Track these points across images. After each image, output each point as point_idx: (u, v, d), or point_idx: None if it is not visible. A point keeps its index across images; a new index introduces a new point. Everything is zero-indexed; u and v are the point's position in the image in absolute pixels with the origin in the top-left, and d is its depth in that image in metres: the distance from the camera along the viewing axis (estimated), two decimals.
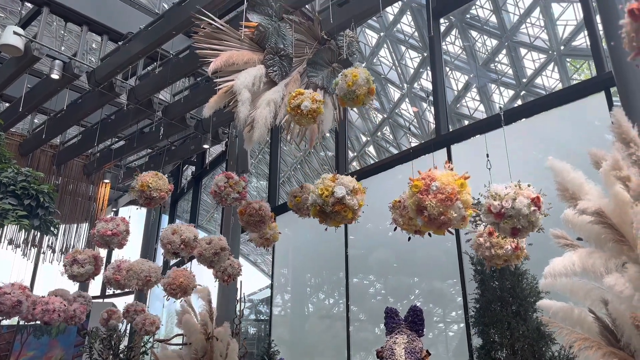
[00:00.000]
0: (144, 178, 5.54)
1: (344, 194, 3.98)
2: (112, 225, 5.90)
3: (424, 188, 3.36)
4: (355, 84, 4.24)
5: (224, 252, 6.18)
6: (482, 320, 4.24)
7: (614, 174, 3.34)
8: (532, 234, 4.56)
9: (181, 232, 5.63)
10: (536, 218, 3.22)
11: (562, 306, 3.59)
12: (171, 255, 5.68)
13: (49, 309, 6.75)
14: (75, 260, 6.21)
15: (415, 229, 3.98)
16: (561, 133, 6.68)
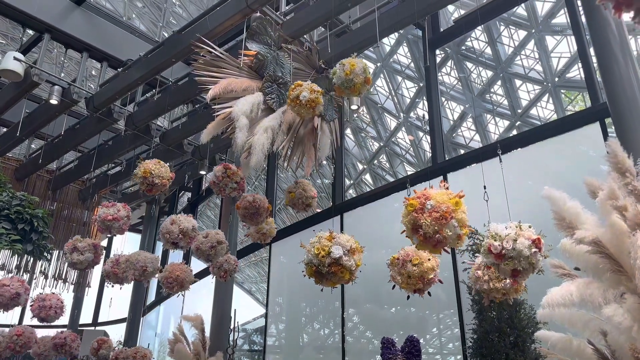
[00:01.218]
0: (146, 165, 5.64)
1: (340, 255, 3.87)
2: (113, 210, 5.99)
3: (419, 207, 3.35)
4: (352, 73, 4.27)
5: (221, 245, 6.19)
6: (480, 351, 4.18)
7: (611, 203, 3.34)
8: None
9: (179, 222, 5.71)
10: (537, 260, 3.19)
11: (560, 337, 3.54)
12: (170, 245, 5.73)
13: (45, 305, 6.83)
14: (75, 248, 6.26)
15: (414, 287, 3.86)
16: (556, 163, 6.72)
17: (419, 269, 3.77)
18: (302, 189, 6.07)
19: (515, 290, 3.80)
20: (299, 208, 6.11)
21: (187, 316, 7.19)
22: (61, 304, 6.94)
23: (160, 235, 5.80)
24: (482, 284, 3.83)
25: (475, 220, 5.26)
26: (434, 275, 3.83)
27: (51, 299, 6.88)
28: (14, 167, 10.78)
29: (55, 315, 6.90)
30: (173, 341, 6.99)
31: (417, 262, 3.80)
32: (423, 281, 3.78)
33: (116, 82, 7.91)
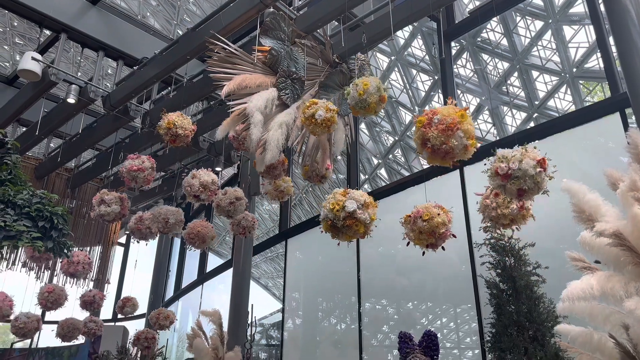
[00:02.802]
0: (170, 117, 5.85)
1: (354, 208, 4.00)
2: (138, 162, 6.22)
3: (427, 122, 3.47)
4: (366, 93, 4.27)
5: (240, 201, 6.47)
6: (498, 345, 4.14)
7: (632, 195, 3.28)
8: (547, 255, 4.50)
9: (200, 176, 6.01)
10: (542, 179, 3.32)
11: (581, 331, 3.49)
12: (193, 199, 6.03)
13: (73, 260, 7.41)
14: (102, 200, 6.53)
15: (426, 242, 3.99)
16: (575, 155, 6.61)
17: (429, 224, 3.89)
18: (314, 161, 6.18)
19: (522, 217, 3.88)
20: (314, 180, 6.27)
21: (205, 311, 7.25)
22: (89, 260, 7.37)
23: (183, 189, 6.07)
24: (489, 212, 3.92)
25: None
26: (445, 229, 3.94)
27: (79, 256, 7.44)
28: (34, 166, 10.96)
29: (83, 271, 7.35)
30: (192, 336, 7.05)
31: (427, 218, 3.91)
32: (434, 236, 3.91)
33: (132, 80, 7.97)
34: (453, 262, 7.45)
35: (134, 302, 9.33)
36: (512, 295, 4.33)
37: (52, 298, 7.84)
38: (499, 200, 3.89)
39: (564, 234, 3.57)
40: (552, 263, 4.63)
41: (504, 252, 4.60)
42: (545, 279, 4.50)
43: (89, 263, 7.62)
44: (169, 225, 6.46)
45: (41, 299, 7.85)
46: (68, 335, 8.74)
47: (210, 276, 13.01)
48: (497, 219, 3.88)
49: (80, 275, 7.52)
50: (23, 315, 8.08)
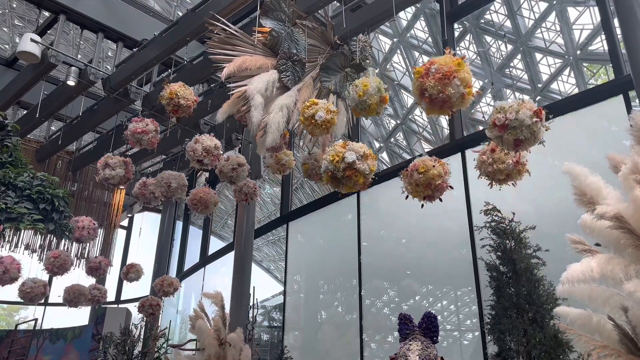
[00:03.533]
0: (172, 87, 5.84)
1: (354, 159, 4.05)
2: (142, 124, 6.22)
3: (424, 72, 3.50)
4: (366, 94, 4.26)
5: (242, 167, 6.52)
6: (498, 327, 4.16)
7: (634, 177, 3.27)
8: (548, 238, 4.50)
9: (203, 141, 6.02)
10: (538, 129, 3.39)
11: (580, 313, 3.51)
12: (196, 163, 6.04)
13: (78, 226, 7.49)
14: (107, 164, 6.54)
15: (423, 194, 4.07)
16: (577, 139, 6.58)
17: (425, 176, 3.96)
18: (314, 160, 6.16)
19: (518, 172, 3.95)
20: (314, 179, 6.29)
21: (207, 293, 7.29)
22: (94, 225, 7.44)
23: (187, 154, 6.10)
24: (486, 167, 3.98)
25: (495, 197, 5.21)
26: (441, 181, 4.01)
27: (84, 221, 7.55)
28: (35, 149, 10.95)
29: (89, 236, 7.44)
30: (194, 318, 7.09)
31: (423, 170, 3.98)
32: (431, 188, 3.99)
33: (132, 62, 7.92)
34: (454, 245, 7.48)
35: (137, 268, 9.54)
36: (512, 277, 4.34)
37: (58, 263, 7.99)
38: (495, 156, 3.96)
39: (566, 218, 3.57)
40: (553, 247, 4.63)
41: (504, 235, 4.61)
42: (546, 262, 4.51)
43: (94, 228, 7.70)
44: (172, 190, 6.49)
45: (47, 264, 8.04)
46: (74, 300, 8.92)
47: (212, 259, 13.09)
48: (493, 175, 3.94)
49: (85, 240, 7.58)
50: (30, 280, 8.26)
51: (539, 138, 3.44)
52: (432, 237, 8.20)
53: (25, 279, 8.36)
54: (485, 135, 6.56)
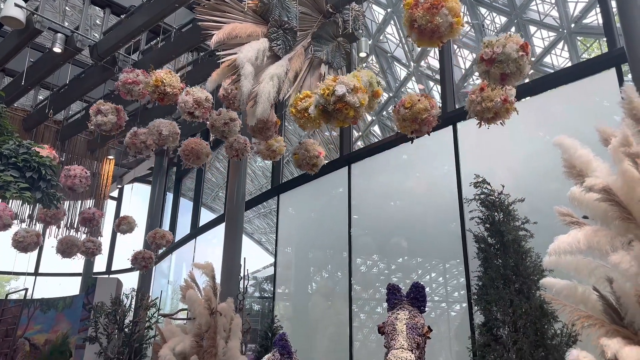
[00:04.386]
0: (157, 74, 5.77)
1: (344, 92, 4.05)
2: (132, 75, 6.17)
3: (413, 3, 3.57)
4: None
5: (234, 122, 6.44)
6: (485, 297, 4.21)
7: (623, 150, 3.26)
8: (538, 211, 4.52)
9: (194, 93, 5.92)
10: (524, 62, 3.48)
11: (566, 284, 3.54)
12: (187, 115, 5.95)
13: (70, 174, 7.46)
14: (99, 110, 6.51)
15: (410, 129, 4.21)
16: (569, 114, 6.57)
17: (411, 111, 4.10)
18: (305, 150, 6.13)
19: (506, 110, 4.05)
20: (305, 169, 6.28)
21: (197, 264, 7.32)
22: (86, 174, 7.42)
23: (178, 106, 6.00)
24: (475, 106, 4.07)
25: (485, 170, 5.22)
26: (427, 115, 4.14)
27: (76, 169, 7.49)
28: (22, 118, 10.78)
29: (81, 184, 7.42)
30: (184, 288, 7.14)
31: (409, 105, 4.11)
32: (417, 122, 4.12)
33: (119, 29, 7.75)
34: (444, 218, 7.52)
35: (129, 220, 9.58)
36: (499, 249, 4.38)
37: (51, 213, 8.06)
38: (484, 94, 4.03)
39: (555, 191, 3.59)
40: (541, 219, 4.66)
41: (493, 207, 4.63)
42: (534, 234, 4.55)
43: (87, 177, 7.61)
44: (163, 137, 6.43)
45: (40, 214, 8.11)
46: (67, 251, 8.98)
47: (203, 230, 13.11)
48: (482, 113, 4.03)
49: (78, 188, 7.51)
50: (22, 230, 8.28)
51: (524, 73, 3.53)
52: (423, 210, 8.24)
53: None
54: None
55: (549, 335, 4.00)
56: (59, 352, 11.17)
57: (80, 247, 9.05)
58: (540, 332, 3.98)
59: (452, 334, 7.48)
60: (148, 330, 10.52)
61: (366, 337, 8.97)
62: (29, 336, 11.79)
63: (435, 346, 7.41)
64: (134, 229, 9.78)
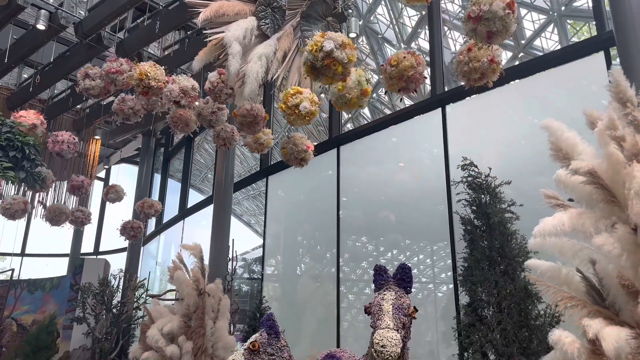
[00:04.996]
0: (142, 67, 5.68)
1: (332, 47, 4.05)
2: (116, 64, 6.09)
3: None
4: (346, 88, 4.16)
5: (222, 111, 6.38)
6: (470, 278, 4.26)
7: (609, 133, 3.27)
8: (524, 194, 4.55)
9: (180, 81, 5.84)
10: (510, 20, 3.55)
11: (550, 266, 3.58)
12: (173, 104, 5.88)
13: (58, 140, 7.32)
14: (87, 74, 6.42)
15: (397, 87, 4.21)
16: (557, 97, 6.58)
17: (398, 69, 4.09)
18: (293, 144, 6.07)
19: (492, 71, 4.07)
20: (294, 163, 6.21)
21: (186, 245, 7.29)
22: (74, 139, 7.36)
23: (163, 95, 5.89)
24: (462, 67, 4.09)
25: (473, 153, 5.24)
26: (413, 72, 4.14)
27: (63, 135, 7.35)
28: (5, 96, 10.59)
29: (69, 150, 7.35)
30: (172, 268, 7.13)
31: (395, 63, 4.10)
32: (404, 79, 4.13)
33: (105, 6, 7.59)
34: (431, 201, 7.56)
35: (117, 188, 9.56)
36: (485, 231, 4.42)
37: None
38: (471, 55, 4.05)
39: (542, 175, 3.61)
40: (527, 202, 4.70)
41: (480, 190, 4.65)
42: (519, 216, 4.59)
43: (74, 143, 7.50)
44: (152, 101, 6.36)
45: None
46: (55, 219, 8.92)
47: (191, 212, 13.07)
48: (469, 74, 4.03)
49: (66, 154, 7.42)
50: (9, 197, 8.22)
51: (510, 31, 3.59)
52: (411, 192, 8.27)
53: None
54: (466, 91, 6.52)
55: (533, 316, 4.06)
56: (47, 332, 11.16)
57: (69, 215, 8.97)
58: (524, 313, 4.04)
59: (439, 315, 7.58)
60: (136, 310, 10.54)
61: (354, 317, 9.06)
62: (16, 317, 11.76)
63: (422, 326, 7.51)
64: (123, 198, 9.72)
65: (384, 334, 3.43)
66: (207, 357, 6.51)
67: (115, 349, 9.80)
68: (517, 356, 3.81)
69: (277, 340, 3.99)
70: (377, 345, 3.40)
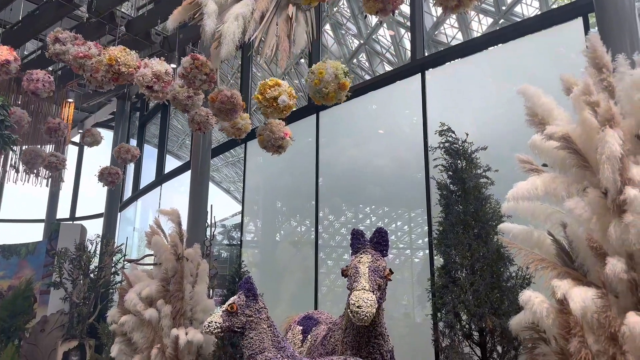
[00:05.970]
0: (111, 51, 5.43)
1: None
2: (84, 48, 5.86)
3: None
4: (322, 82, 4.04)
5: (198, 96, 6.20)
6: (445, 242, 4.34)
7: (584, 99, 3.31)
8: (500, 160, 4.60)
9: (152, 66, 5.55)
10: None
11: (522, 229, 3.66)
12: (146, 90, 5.60)
13: (32, 78, 7.09)
14: (57, 39, 6.22)
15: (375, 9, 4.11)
16: (536, 65, 6.57)
17: None
18: (269, 131, 5.94)
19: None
20: (271, 150, 6.08)
21: (163, 210, 7.26)
22: (49, 78, 7.11)
23: (135, 79, 5.62)
24: None
25: (451, 119, 5.24)
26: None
27: (38, 73, 7.07)
28: None
29: (44, 89, 7.09)
30: (150, 233, 7.10)
31: None
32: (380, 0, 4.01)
33: None
34: (410, 168, 7.61)
35: (93, 132, 9.37)
36: (460, 196, 4.47)
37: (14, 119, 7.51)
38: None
39: (518, 143, 3.65)
40: (503, 168, 4.76)
41: (456, 155, 4.68)
42: (494, 182, 4.65)
43: (50, 81, 7.18)
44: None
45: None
46: (31, 161, 8.72)
47: (169, 177, 12.95)
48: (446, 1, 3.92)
49: (42, 93, 7.13)
50: None
51: None
52: (389, 160, 8.30)
53: None
54: (445, 56, 6.47)
55: (505, 278, 4.17)
56: (23, 297, 11.10)
57: (45, 158, 8.71)
58: (496, 275, 4.14)
59: (415, 279, 7.74)
60: (114, 275, 10.52)
61: (333, 282, 9.20)
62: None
63: (398, 291, 7.67)
64: (100, 141, 9.49)
65: (360, 295, 3.50)
66: (186, 320, 6.57)
67: (94, 313, 9.81)
68: (489, 316, 3.93)
69: (254, 302, 4.03)
70: (353, 305, 3.47)
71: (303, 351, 4.47)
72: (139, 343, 6.44)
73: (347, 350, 3.82)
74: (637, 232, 2.86)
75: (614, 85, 3.42)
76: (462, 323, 4.13)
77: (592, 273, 3.19)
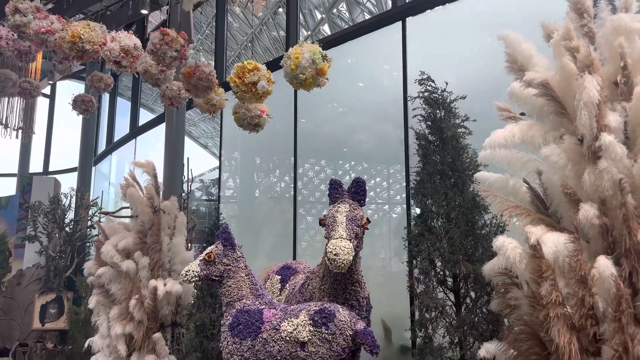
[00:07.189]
0: (74, 28, 5.09)
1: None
2: (46, 23, 5.49)
3: None
4: (299, 67, 3.86)
5: (170, 71, 6.02)
6: (421, 191, 4.35)
7: (564, 44, 3.27)
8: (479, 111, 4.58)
9: (120, 40, 5.23)
10: None
11: (498, 177, 3.68)
12: (114, 65, 5.31)
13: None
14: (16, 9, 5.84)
15: None
16: (515, 15, 6.47)
17: None
18: (245, 109, 5.72)
19: None
20: (248, 129, 5.90)
21: (138, 162, 7.12)
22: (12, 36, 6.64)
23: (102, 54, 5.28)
24: None
25: (432, 68, 5.16)
26: None
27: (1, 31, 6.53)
28: None
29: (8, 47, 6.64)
30: (125, 186, 6.99)
31: None
32: None
33: None
34: (389, 123, 7.57)
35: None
36: (438, 145, 4.46)
37: None
38: None
39: (497, 94, 3.61)
40: (482, 118, 4.74)
41: (435, 105, 4.64)
42: (473, 132, 4.64)
43: (14, 39, 6.64)
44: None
45: None
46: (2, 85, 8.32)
47: (143, 130, 12.70)
48: None
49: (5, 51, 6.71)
50: None
51: None
52: (369, 115, 8.23)
53: None
54: (427, 3, 6.30)
55: (479, 226, 4.23)
56: None
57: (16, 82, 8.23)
58: (471, 223, 4.19)
59: (392, 233, 7.85)
60: (90, 229, 10.43)
61: (312, 237, 9.28)
62: None
63: (376, 245, 7.79)
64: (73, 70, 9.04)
65: (337, 243, 3.52)
66: (164, 271, 6.58)
67: (71, 266, 9.76)
68: (463, 263, 4.00)
69: (232, 251, 4.03)
70: (330, 253, 3.49)
71: (281, 299, 4.52)
72: (117, 294, 6.45)
73: (324, 297, 3.87)
74: (610, 178, 2.88)
75: (594, 31, 3.37)
76: (436, 270, 4.20)
77: (566, 219, 3.23)
